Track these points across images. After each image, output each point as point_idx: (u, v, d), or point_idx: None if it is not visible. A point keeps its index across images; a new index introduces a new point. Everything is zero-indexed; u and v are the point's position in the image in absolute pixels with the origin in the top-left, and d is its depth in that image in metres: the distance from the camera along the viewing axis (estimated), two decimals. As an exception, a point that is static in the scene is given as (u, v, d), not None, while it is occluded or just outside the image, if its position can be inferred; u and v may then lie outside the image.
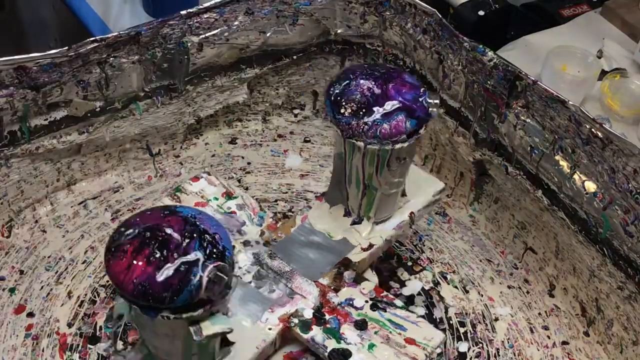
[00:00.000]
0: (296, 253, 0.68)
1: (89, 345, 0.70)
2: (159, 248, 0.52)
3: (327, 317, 0.64)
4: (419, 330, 0.64)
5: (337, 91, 0.64)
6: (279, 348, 0.64)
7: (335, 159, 0.69)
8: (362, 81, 0.63)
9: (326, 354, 0.61)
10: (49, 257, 0.78)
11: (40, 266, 0.77)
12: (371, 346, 0.62)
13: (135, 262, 0.51)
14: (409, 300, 0.76)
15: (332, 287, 0.66)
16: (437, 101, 0.64)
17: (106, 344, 0.70)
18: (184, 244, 0.52)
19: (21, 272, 0.76)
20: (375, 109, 0.62)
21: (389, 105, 0.62)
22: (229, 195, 0.73)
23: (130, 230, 0.53)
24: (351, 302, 0.65)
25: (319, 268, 0.67)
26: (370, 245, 0.69)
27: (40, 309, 0.73)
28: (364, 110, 0.62)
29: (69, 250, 0.79)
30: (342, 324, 0.64)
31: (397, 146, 0.63)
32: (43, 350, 0.70)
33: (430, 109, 0.64)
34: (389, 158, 0.65)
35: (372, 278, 0.71)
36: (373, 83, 0.63)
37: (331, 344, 0.62)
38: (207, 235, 0.53)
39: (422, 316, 0.75)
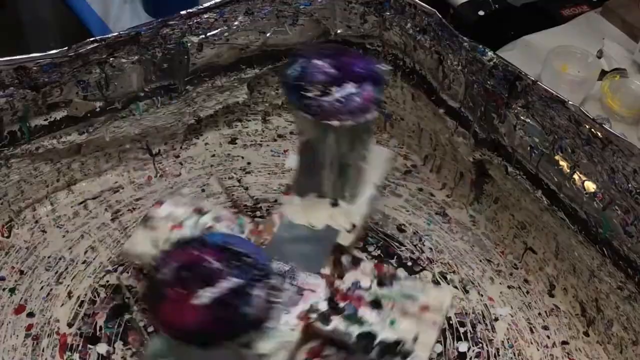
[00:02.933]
0: (288, 251, 0.68)
1: (89, 345, 0.70)
2: (205, 281, 0.51)
3: (342, 304, 0.64)
4: (429, 295, 0.65)
5: (296, 75, 0.63)
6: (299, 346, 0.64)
7: (303, 147, 0.69)
8: (316, 62, 0.64)
9: (353, 339, 0.62)
10: (49, 257, 0.78)
11: (40, 266, 0.77)
12: (392, 322, 0.63)
13: (186, 302, 0.50)
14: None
15: (336, 275, 0.66)
16: (389, 67, 0.65)
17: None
18: (228, 272, 0.52)
19: (21, 272, 0.76)
20: (343, 84, 0.62)
21: (356, 78, 0.63)
22: (199, 211, 0.72)
23: (167, 271, 0.52)
24: (359, 285, 0.65)
25: (316, 260, 0.67)
26: (353, 226, 0.70)
27: (40, 309, 0.73)
28: (330, 88, 0.62)
29: (69, 250, 0.79)
30: (359, 307, 0.64)
31: (369, 116, 0.64)
32: (43, 351, 0.70)
33: (384, 75, 0.65)
34: (362, 130, 0.65)
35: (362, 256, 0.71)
36: (328, 61, 0.64)
37: (355, 330, 0.63)
38: (246, 258, 0.53)
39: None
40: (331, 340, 0.64)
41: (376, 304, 0.64)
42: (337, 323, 0.63)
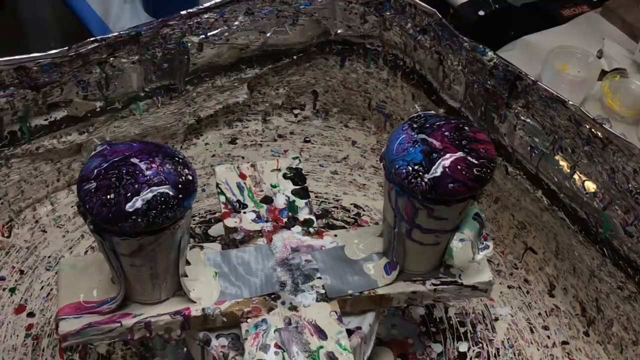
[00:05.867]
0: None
1: (89, 345, 0.70)
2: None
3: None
4: None
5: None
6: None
7: None
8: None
9: None
10: (49, 257, 0.78)
11: (40, 266, 0.77)
12: None
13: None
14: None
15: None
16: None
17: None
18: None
19: (21, 272, 0.76)
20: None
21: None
22: None
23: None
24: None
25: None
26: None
27: (40, 309, 0.73)
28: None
29: (69, 250, 0.79)
30: None
31: None
32: (43, 350, 0.70)
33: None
34: None
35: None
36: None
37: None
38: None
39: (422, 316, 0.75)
40: None
41: None
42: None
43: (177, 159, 0.57)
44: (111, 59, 0.77)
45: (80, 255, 0.77)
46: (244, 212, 0.69)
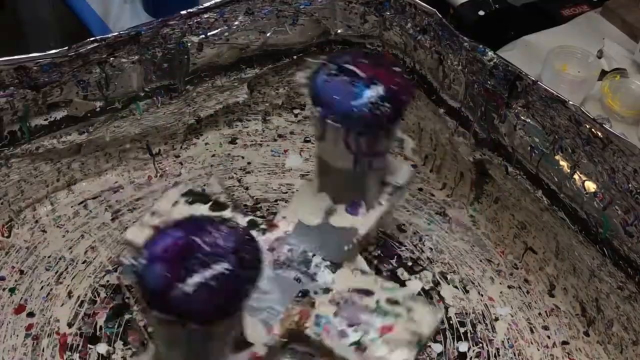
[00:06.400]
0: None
1: (89, 345, 0.70)
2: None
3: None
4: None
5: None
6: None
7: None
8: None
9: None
10: (49, 257, 0.78)
11: (40, 266, 0.77)
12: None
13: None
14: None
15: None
16: None
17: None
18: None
19: (21, 272, 0.76)
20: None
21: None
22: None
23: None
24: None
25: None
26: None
27: (40, 309, 0.73)
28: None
29: (69, 250, 0.79)
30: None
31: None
32: (43, 350, 0.70)
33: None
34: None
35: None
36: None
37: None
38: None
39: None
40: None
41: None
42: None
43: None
44: (111, 59, 0.77)
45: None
46: None
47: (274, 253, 0.66)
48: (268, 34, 0.86)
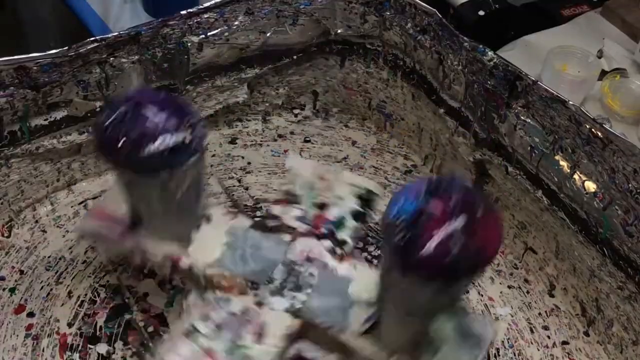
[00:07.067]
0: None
1: (89, 345, 0.70)
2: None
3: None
4: None
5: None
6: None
7: None
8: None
9: None
10: (49, 257, 0.78)
11: (40, 266, 0.77)
12: None
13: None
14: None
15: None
16: None
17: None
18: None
19: (21, 272, 0.76)
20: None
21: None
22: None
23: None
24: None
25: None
26: None
27: (40, 309, 0.73)
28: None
29: (69, 250, 0.79)
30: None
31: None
32: (43, 350, 0.70)
33: None
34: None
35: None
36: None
37: None
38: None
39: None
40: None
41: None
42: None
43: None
44: (111, 58, 0.77)
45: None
46: (294, 207, 0.71)
47: (304, 262, 0.66)
48: (268, 34, 0.86)
